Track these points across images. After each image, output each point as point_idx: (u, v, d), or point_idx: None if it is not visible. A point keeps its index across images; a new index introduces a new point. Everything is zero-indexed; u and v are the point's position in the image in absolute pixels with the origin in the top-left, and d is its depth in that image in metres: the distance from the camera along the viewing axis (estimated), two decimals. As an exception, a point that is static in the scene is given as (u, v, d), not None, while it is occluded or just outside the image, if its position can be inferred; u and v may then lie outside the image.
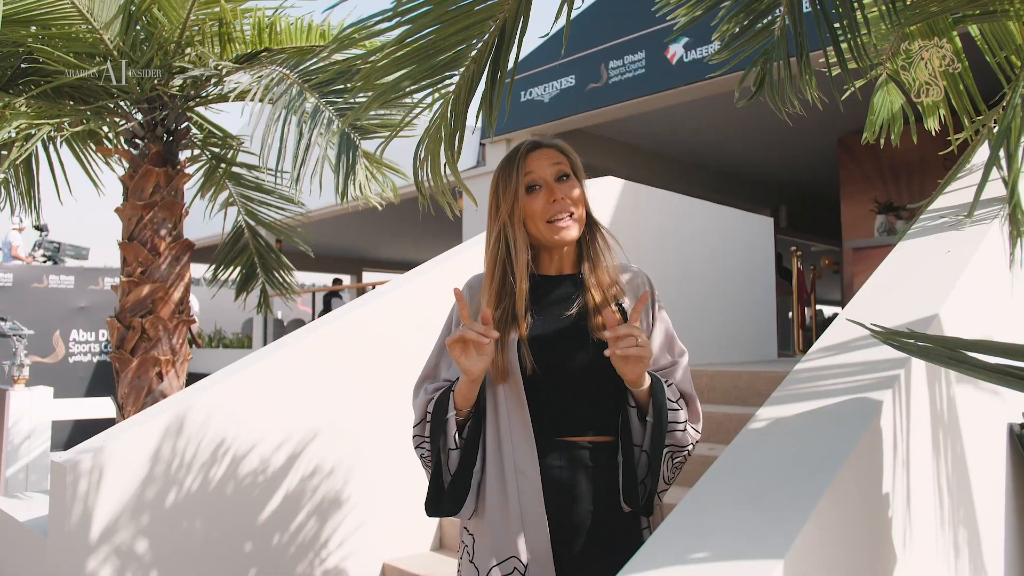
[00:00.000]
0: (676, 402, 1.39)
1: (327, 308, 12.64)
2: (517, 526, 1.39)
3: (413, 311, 3.39)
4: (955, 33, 2.08)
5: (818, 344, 1.56)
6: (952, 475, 1.53)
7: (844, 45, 1.75)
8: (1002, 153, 1.91)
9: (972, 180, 2.21)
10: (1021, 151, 1.83)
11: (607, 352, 1.28)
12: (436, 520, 3.46)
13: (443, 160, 1.58)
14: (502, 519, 1.40)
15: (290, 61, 3.03)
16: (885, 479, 1.28)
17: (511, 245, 1.47)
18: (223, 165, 3.82)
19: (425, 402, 1.48)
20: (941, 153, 2.38)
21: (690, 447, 1.40)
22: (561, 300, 1.47)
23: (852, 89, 2.26)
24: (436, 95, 1.50)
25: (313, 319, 12.42)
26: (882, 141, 2.38)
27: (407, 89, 1.44)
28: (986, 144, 2.10)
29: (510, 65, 1.57)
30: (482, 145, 8.89)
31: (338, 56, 3.04)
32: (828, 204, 11.05)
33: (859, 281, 7.74)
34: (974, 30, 2.08)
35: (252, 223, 4.02)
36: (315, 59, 3.00)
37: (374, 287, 13.22)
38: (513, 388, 1.41)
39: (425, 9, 1.32)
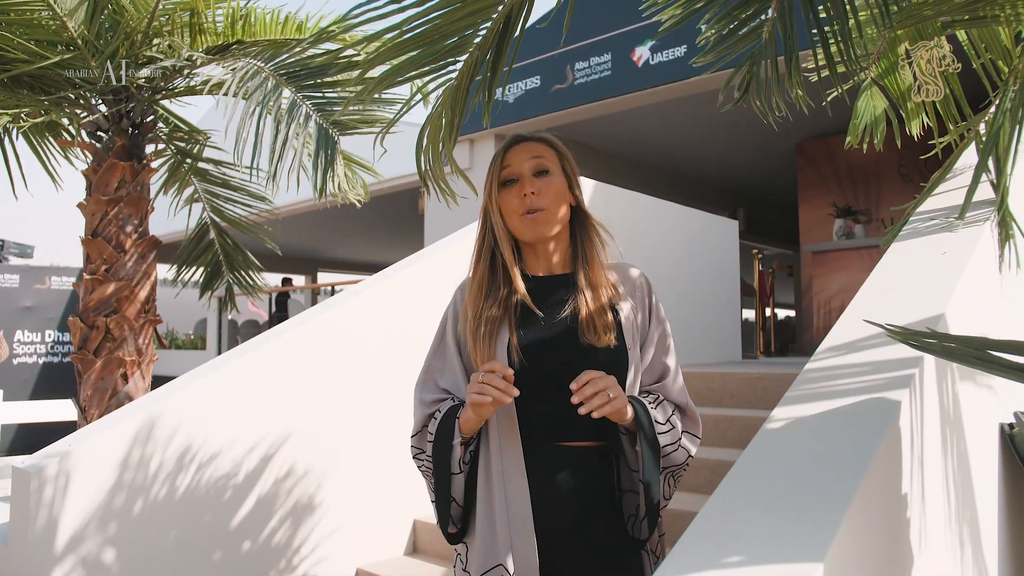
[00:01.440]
0: (666, 423, 1.36)
1: (280, 309, 12.42)
2: (504, 535, 1.35)
3: (385, 312, 3.34)
4: (943, 37, 2.10)
5: (825, 344, 1.55)
6: (957, 474, 1.54)
7: (833, 48, 1.75)
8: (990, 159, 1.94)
9: (956, 183, 2.25)
10: (1012, 156, 1.86)
11: (580, 411, 1.25)
12: (409, 524, 3.41)
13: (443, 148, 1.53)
14: (489, 527, 1.37)
15: (264, 54, 2.94)
16: (904, 479, 1.27)
17: (497, 240, 1.45)
18: (189, 160, 3.70)
19: (425, 417, 1.44)
20: (923, 157, 2.41)
21: (688, 460, 1.39)
22: (552, 302, 1.43)
23: (838, 93, 2.28)
24: (439, 82, 1.46)
25: (269, 320, 12.18)
26: (867, 144, 2.40)
27: (408, 75, 1.39)
28: (972, 147, 2.14)
29: (508, 54, 1.54)
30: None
31: (316, 49, 2.97)
32: (785, 208, 11.27)
33: (818, 283, 7.90)
34: (961, 35, 2.11)
35: (218, 220, 3.90)
36: (290, 52, 2.92)
37: (332, 288, 12.97)
38: (503, 409, 1.38)
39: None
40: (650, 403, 1.38)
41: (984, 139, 2.05)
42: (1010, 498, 1.88)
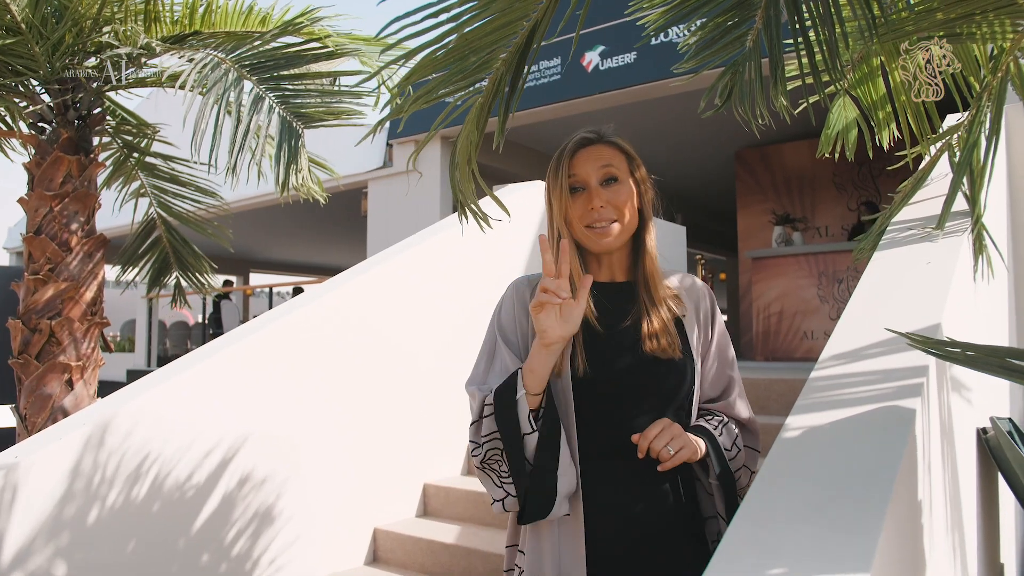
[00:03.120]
0: (732, 447, 1.35)
1: (216, 311, 12.04)
2: (552, 554, 1.30)
3: (347, 315, 3.26)
4: (919, 53, 2.17)
5: (827, 352, 1.56)
6: (952, 479, 1.57)
7: (819, 58, 1.78)
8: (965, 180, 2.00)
9: (925, 194, 2.31)
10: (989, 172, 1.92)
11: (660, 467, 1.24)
12: (370, 533, 3.34)
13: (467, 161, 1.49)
14: (538, 543, 1.33)
15: (226, 45, 2.82)
16: (920, 486, 1.29)
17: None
18: (136, 155, 3.53)
19: (482, 397, 1.33)
20: (891, 168, 2.47)
21: (753, 475, 1.36)
22: (616, 312, 1.37)
23: (819, 98, 2.31)
24: (469, 98, 1.42)
25: (205, 322, 11.79)
26: (841, 151, 2.45)
27: (440, 93, 1.34)
28: (945, 158, 2.20)
29: (525, 69, 1.51)
30: (389, 146, 8.70)
31: (280, 42, 2.87)
32: (723, 215, 11.53)
33: (756, 289, 8.10)
34: (936, 50, 2.18)
35: (165, 216, 3.73)
36: (251, 45, 2.81)
37: (271, 290, 12.63)
38: (562, 398, 1.33)
39: (471, 4, 1.23)
40: (714, 427, 1.35)
41: (957, 152, 2.12)
42: (984, 501, 1.95)
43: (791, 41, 1.79)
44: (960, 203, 2.12)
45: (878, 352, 1.50)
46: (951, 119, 2.67)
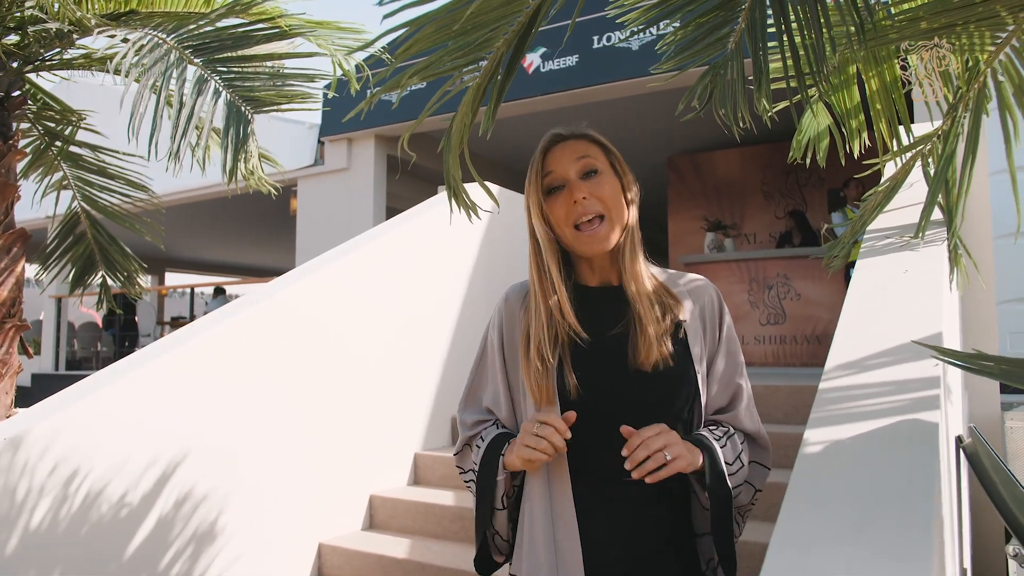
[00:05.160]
0: (735, 461, 1.25)
1: (130, 312, 11.44)
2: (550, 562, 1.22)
3: (288, 321, 3.09)
4: (897, 61, 2.17)
5: (832, 362, 1.52)
6: (952, 490, 1.55)
7: (802, 62, 1.74)
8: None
9: (897, 203, 2.32)
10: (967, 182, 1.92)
11: (634, 474, 1.15)
12: (315, 548, 3.16)
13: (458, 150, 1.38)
14: (534, 572, 1.23)
15: (166, 25, 2.61)
16: (944, 501, 1.25)
17: (542, 254, 1.30)
18: (59, 143, 3.25)
19: (467, 439, 1.31)
20: (859, 176, 2.48)
21: (756, 496, 1.28)
22: (605, 317, 1.28)
23: (802, 98, 2.29)
24: (467, 78, 1.31)
25: (121, 324, 11.19)
26: (812, 159, 2.44)
27: (441, 69, 1.23)
28: (918, 166, 2.21)
29: (524, 51, 1.42)
30: (320, 143, 8.43)
31: (228, 21, 2.68)
32: (655, 221, 11.66)
33: (689, 294, 8.21)
34: (913, 60, 2.19)
35: (91, 210, 3.45)
36: (197, 24, 2.62)
37: (192, 290, 12.09)
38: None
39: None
40: (717, 438, 1.26)
41: (931, 163, 2.13)
42: (956, 509, 1.95)
43: (775, 44, 1.73)
44: (935, 210, 2.13)
45: (885, 362, 1.46)
46: (917, 129, 2.70)
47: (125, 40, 2.55)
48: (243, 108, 2.57)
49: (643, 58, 6.21)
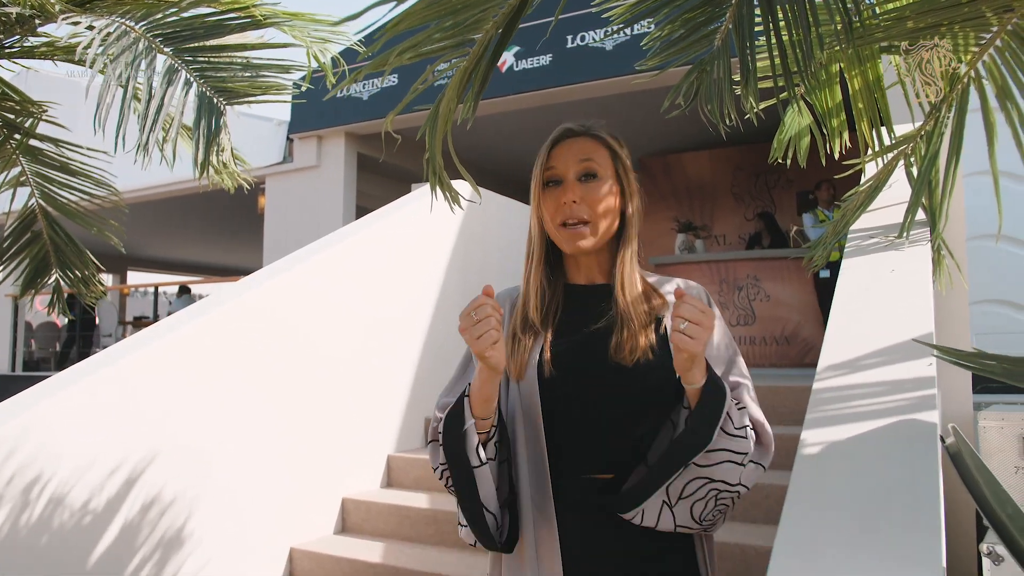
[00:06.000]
0: (741, 429, 1.15)
1: (88, 311, 11.15)
2: (532, 570, 1.19)
3: (257, 321, 3.02)
4: (879, 61, 2.17)
5: (824, 362, 1.50)
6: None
7: (790, 60, 1.73)
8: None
9: (880, 202, 2.32)
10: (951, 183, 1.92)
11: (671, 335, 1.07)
12: (287, 552, 3.08)
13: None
14: (517, 563, 1.21)
15: (135, 13, 2.51)
16: (941, 501, 1.23)
17: (532, 244, 1.31)
18: (17, 136, 3.11)
19: (435, 422, 1.24)
20: (838, 176, 2.48)
21: (740, 488, 1.15)
22: (588, 315, 1.26)
23: (789, 96, 2.28)
24: (455, 60, 1.26)
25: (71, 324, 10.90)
26: (792, 160, 2.44)
27: (430, 47, 1.18)
28: (900, 167, 2.21)
29: (512, 35, 1.38)
30: (289, 140, 8.30)
31: (201, 10, 2.59)
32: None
33: (659, 295, 8.25)
34: (896, 60, 2.19)
35: (49, 208, 3.31)
36: (166, 12, 2.53)
37: (156, 289, 11.85)
38: (528, 401, 1.21)
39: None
40: (736, 401, 1.17)
41: (914, 163, 2.13)
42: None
43: (762, 42, 1.71)
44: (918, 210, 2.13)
45: (874, 364, 1.45)
46: (898, 129, 2.71)
47: (91, 27, 2.44)
48: (215, 99, 2.48)
49: (617, 58, 6.20)
